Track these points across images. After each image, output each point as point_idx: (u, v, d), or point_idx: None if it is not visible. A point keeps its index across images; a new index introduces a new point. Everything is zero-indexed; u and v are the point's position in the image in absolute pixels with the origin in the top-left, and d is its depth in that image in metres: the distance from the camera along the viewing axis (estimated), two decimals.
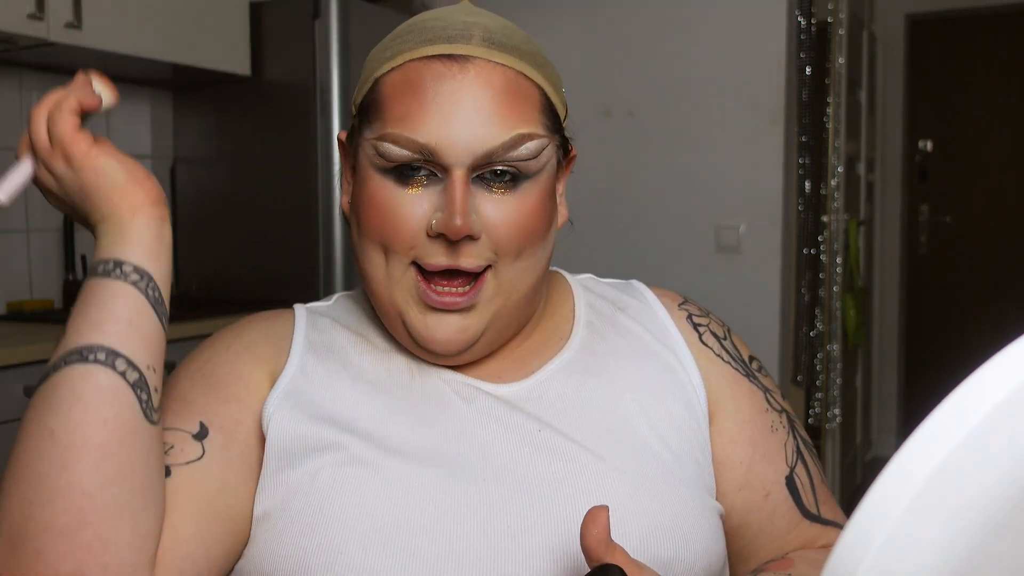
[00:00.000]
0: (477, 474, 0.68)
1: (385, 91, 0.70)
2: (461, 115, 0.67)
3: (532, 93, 0.70)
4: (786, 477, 0.77)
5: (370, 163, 0.70)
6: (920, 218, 4.32)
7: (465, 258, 0.68)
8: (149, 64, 2.39)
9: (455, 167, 0.67)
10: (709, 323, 0.84)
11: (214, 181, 2.71)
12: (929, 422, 0.33)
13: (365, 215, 0.70)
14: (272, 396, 0.70)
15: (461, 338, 0.70)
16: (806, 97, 2.77)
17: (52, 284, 2.49)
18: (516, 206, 0.69)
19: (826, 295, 3.08)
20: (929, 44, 4.21)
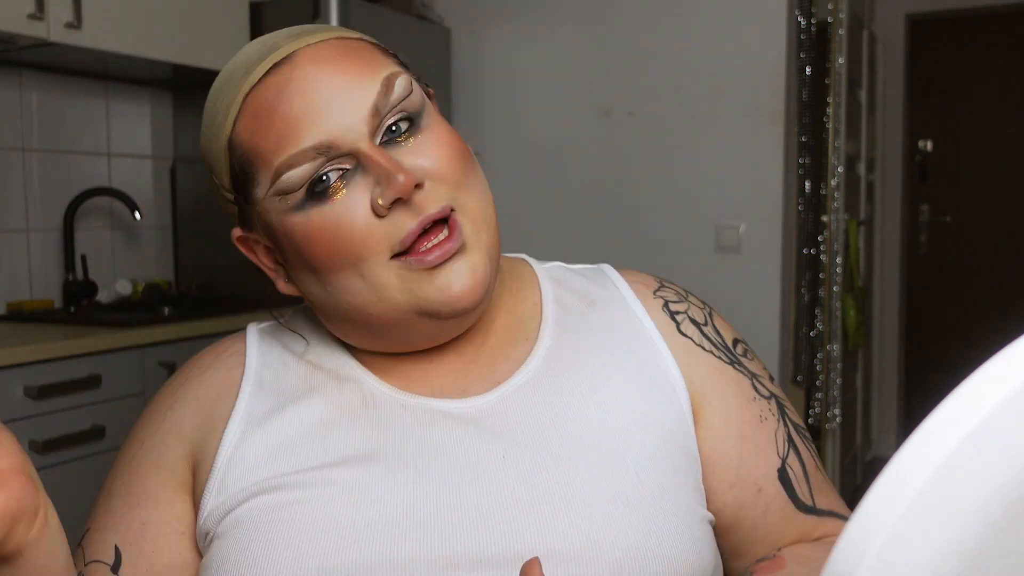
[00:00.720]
0: (434, 504, 0.64)
1: (244, 140, 0.65)
2: (323, 98, 0.63)
3: (363, 46, 0.68)
4: (778, 469, 0.74)
5: (284, 213, 0.65)
6: (920, 218, 4.32)
7: (428, 206, 0.64)
8: (149, 64, 2.39)
9: (357, 144, 0.63)
10: (688, 308, 0.78)
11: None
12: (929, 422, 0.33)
13: (314, 256, 0.65)
14: (212, 477, 0.68)
15: (476, 280, 0.65)
16: (806, 97, 2.77)
17: (52, 284, 2.49)
18: (430, 141, 0.66)
19: (826, 295, 3.08)
20: (929, 44, 4.21)
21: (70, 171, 2.53)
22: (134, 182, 2.71)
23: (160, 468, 0.71)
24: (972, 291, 4.24)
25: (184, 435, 0.72)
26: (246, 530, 0.65)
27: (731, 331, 0.80)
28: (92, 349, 1.94)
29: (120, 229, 2.68)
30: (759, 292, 2.67)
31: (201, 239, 2.75)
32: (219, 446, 0.69)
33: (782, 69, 2.62)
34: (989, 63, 4.16)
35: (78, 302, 2.43)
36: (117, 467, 0.74)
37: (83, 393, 1.93)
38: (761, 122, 2.64)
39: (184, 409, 0.73)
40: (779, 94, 2.62)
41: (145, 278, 2.71)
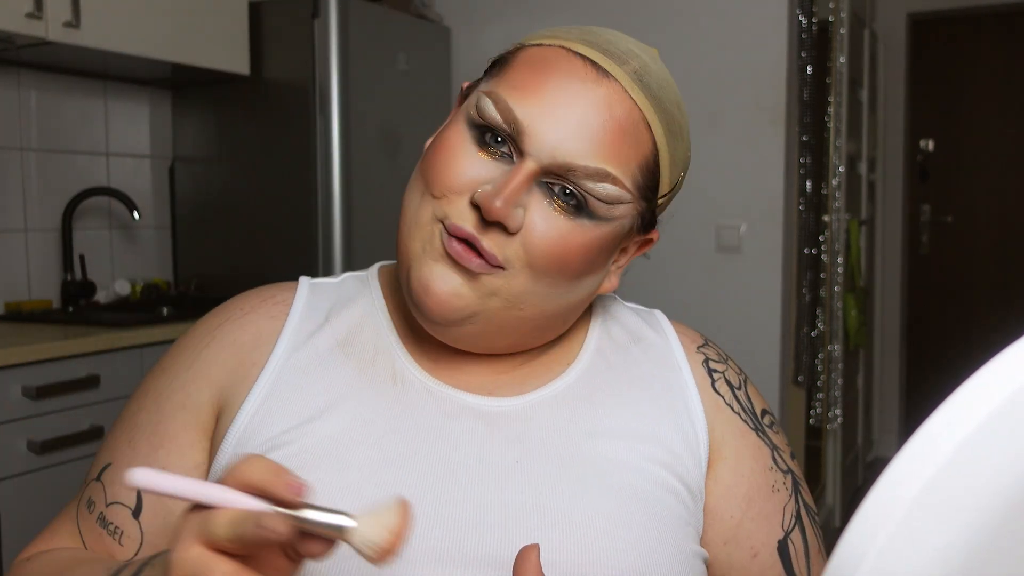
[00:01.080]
0: (441, 496, 0.65)
1: (520, 58, 0.68)
2: (568, 118, 0.64)
3: (645, 145, 0.67)
4: (779, 541, 0.74)
5: (466, 110, 0.68)
6: (922, 218, 4.32)
7: (489, 240, 0.64)
8: (148, 63, 2.39)
9: (529, 158, 0.64)
10: (726, 370, 0.80)
11: (213, 181, 2.71)
12: (931, 423, 0.33)
13: (430, 151, 0.68)
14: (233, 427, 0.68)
15: (453, 302, 0.65)
16: (807, 96, 2.77)
17: (51, 284, 2.49)
18: (565, 231, 0.65)
19: (827, 295, 3.08)
20: (931, 43, 4.21)
21: (68, 171, 2.53)
22: (133, 182, 2.71)
23: (186, 409, 0.71)
24: (973, 291, 4.24)
25: (215, 378, 0.71)
26: None
27: (762, 402, 0.81)
28: (90, 349, 1.94)
29: (119, 229, 2.68)
30: (760, 292, 2.67)
31: (200, 239, 2.75)
32: (246, 398, 0.69)
33: (783, 68, 2.62)
34: (991, 62, 4.16)
35: (76, 302, 2.43)
36: (143, 399, 0.73)
37: (81, 393, 1.93)
38: (762, 121, 2.64)
39: (219, 350, 0.73)
40: (780, 93, 2.62)
41: (144, 278, 2.71)
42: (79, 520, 0.71)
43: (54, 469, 1.87)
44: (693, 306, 2.69)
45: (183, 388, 0.72)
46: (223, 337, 0.73)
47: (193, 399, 0.71)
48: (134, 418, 0.73)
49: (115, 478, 0.70)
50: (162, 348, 2.10)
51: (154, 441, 0.70)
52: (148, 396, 0.73)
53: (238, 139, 2.64)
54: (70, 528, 0.71)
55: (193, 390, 0.71)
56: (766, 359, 2.64)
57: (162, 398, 0.72)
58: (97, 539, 0.69)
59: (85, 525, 0.70)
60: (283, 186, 2.52)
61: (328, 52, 2.43)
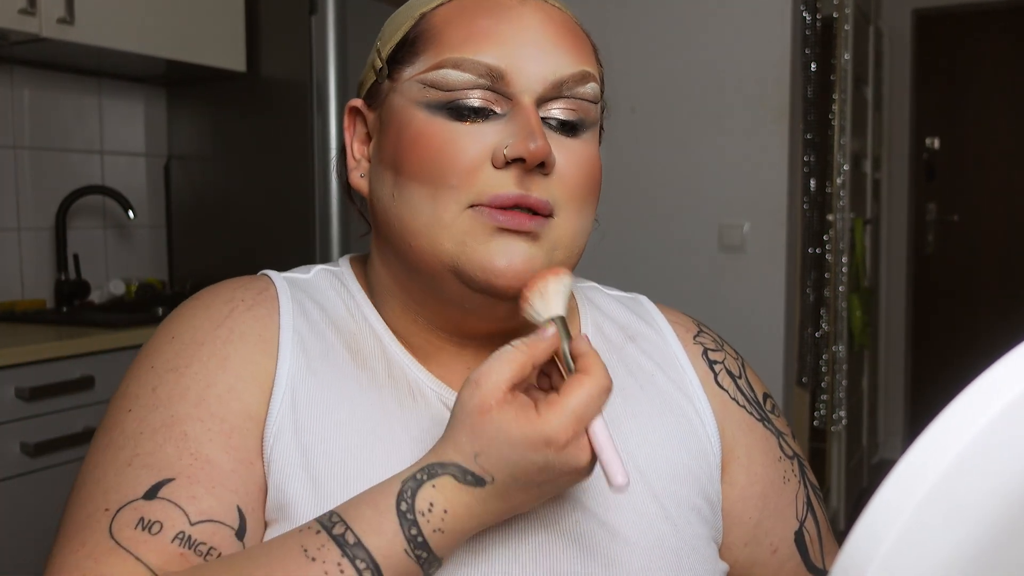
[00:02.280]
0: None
1: (436, 22, 0.65)
2: (530, 41, 0.63)
3: (588, 42, 0.69)
4: (795, 532, 0.75)
5: (413, 103, 0.64)
6: (927, 217, 4.32)
7: (535, 189, 0.62)
8: (142, 60, 2.39)
9: (523, 94, 0.62)
10: (724, 359, 0.79)
11: (209, 179, 2.71)
12: (936, 424, 0.33)
13: (409, 157, 0.63)
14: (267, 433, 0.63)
15: (528, 268, 0.61)
16: (811, 94, 2.77)
17: (44, 284, 2.49)
18: (580, 150, 0.65)
19: (831, 295, 3.08)
20: (937, 40, 4.21)
21: (62, 169, 2.53)
22: (127, 180, 2.71)
23: (256, 422, 0.63)
24: (980, 291, 4.24)
25: (259, 383, 0.65)
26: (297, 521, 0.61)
27: (761, 386, 0.81)
28: (85, 350, 1.94)
29: (113, 228, 2.68)
30: (763, 292, 2.67)
31: (196, 238, 2.75)
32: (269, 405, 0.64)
33: (787, 65, 2.62)
34: (998, 59, 4.16)
35: (70, 302, 2.43)
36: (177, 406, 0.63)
37: (76, 395, 1.93)
38: (765, 119, 2.64)
39: (247, 347, 0.66)
40: (784, 90, 2.62)
41: (139, 278, 2.71)
42: (128, 546, 0.58)
43: (48, 472, 1.87)
44: (695, 306, 2.68)
45: (236, 392, 0.64)
46: (241, 329, 0.67)
47: (254, 409, 0.64)
48: (176, 427, 0.62)
49: (195, 495, 0.60)
50: None
51: (239, 456, 0.62)
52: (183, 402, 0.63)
53: (234, 137, 2.64)
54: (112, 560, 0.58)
55: (249, 397, 0.64)
56: (769, 360, 2.64)
57: (212, 405, 0.63)
58: (178, 561, 0.58)
59: (149, 547, 0.58)
60: (280, 185, 2.52)
61: (325, 49, 2.43)
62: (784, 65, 2.62)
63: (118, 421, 0.64)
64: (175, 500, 0.60)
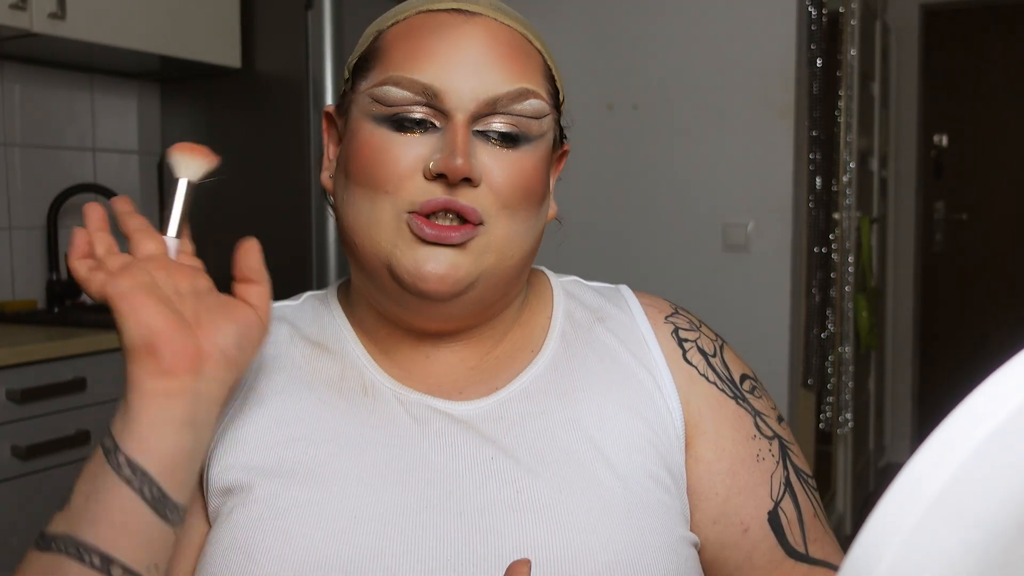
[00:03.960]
0: (421, 501, 0.67)
1: (386, 41, 0.72)
2: (467, 60, 0.69)
3: (536, 57, 0.73)
4: (769, 512, 0.75)
5: (364, 114, 0.71)
6: (935, 215, 4.32)
7: (463, 199, 0.68)
8: (136, 56, 2.39)
9: (456, 111, 0.68)
10: (698, 338, 0.81)
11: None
12: (944, 427, 0.33)
13: (355, 163, 0.71)
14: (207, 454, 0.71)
15: (453, 275, 0.68)
16: (817, 90, 2.77)
17: (35, 284, 2.49)
18: (515, 161, 0.70)
19: (838, 295, 3.08)
20: (945, 35, 4.21)
21: (54, 167, 2.53)
22: (120, 178, 2.71)
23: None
24: (989, 291, 4.24)
25: None
26: (238, 517, 0.67)
27: (741, 367, 0.82)
28: (76, 351, 1.94)
29: None
30: (768, 292, 2.67)
31: (191, 237, 2.75)
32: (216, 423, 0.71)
33: (792, 61, 2.62)
34: (1007, 56, 4.16)
35: (62, 302, 2.43)
36: None
37: (67, 397, 1.93)
38: (770, 116, 2.64)
39: None
40: (789, 87, 2.62)
41: None
42: None
43: (40, 475, 1.87)
44: (699, 306, 2.68)
45: None
46: None
47: None
48: None
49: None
50: None
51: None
52: None
53: (229, 134, 2.64)
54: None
55: None
56: (774, 361, 2.64)
57: None
58: None
59: None
60: (275, 182, 2.52)
61: (322, 44, 2.43)
62: (789, 61, 2.62)
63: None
64: None
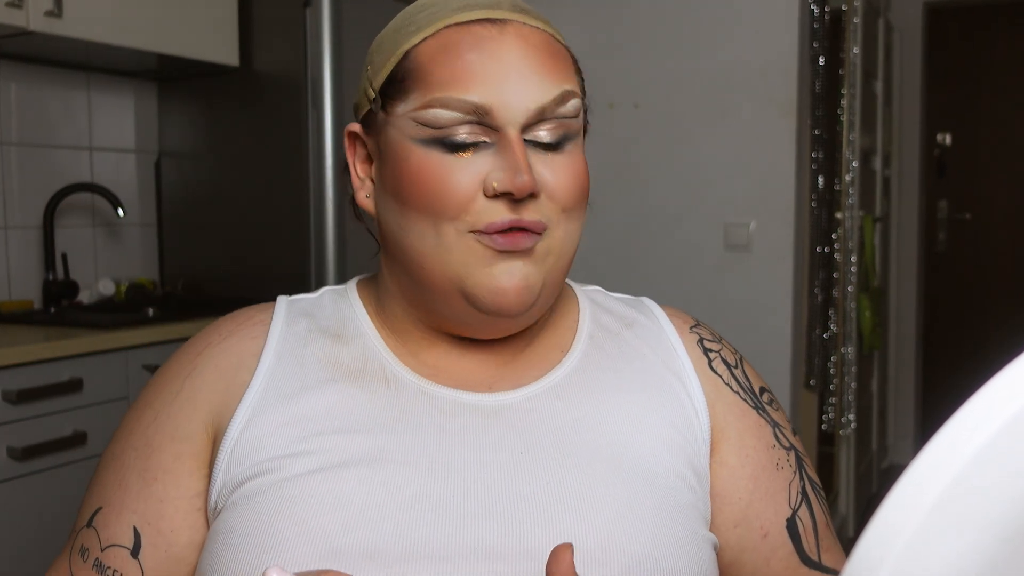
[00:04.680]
0: (447, 491, 0.67)
1: (421, 60, 0.71)
2: (510, 73, 0.69)
3: (565, 54, 0.74)
4: (787, 519, 0.77)
5: (409, 139, 0.70)
6: (939, 215, 4.32)
7: (527, 214, 0.69)
8: (133, 54, 2.39)
9: (508, 126, 0.69)
10: (721, 349, 0.83)
11: (201, 176, 2.71)
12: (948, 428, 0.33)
13: (410, 190, 0.70)
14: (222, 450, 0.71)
15: (527, 286, 0.69)
16: (819, 89, 2.77)
17: (31, 284, 2.49)
18: (567, 163, 0.72)
19: (840, 295, 3.08)
20: (948, 33, 4.21)
21: (50, 166, 2.53)
22: (117, 177, 2.71)
23: (177, 440, 0.72)
24: (993, 291, 4.24)
25: (202, 405, 0.73)
26: (254, 503, 0.67)
27: (759, 380, 0.84)
28: (73, 352, 1.94)
29: (102, 226, 2.69)
30: (770, 292, 2.67)
31: (187, 237, 2.75)
32: (232, 418, 0.71)
33: (794, 59, 2.62)
34: (1011, 53, 4.16)
35: (58, 303, 2.43)
36: (127, 437, 0.75)
37: (64, 398, 1.93)
38: (772, 115, 2.64)
39: (203, 377, 0.75)
40: (791, 85, 2.62)
41: (128, 278, 2.71)
42: (73, 571, 0.71)
43: (36, 477, 1.87)
44: (700, 307, 2.69)
45: (171, 420, 0.73)
46: (205, 364, 0.76)
47: (183, 429, 0.73)
48: (120, 458, 0.74)
49: (109, 521, 0.71)
50: (148, 350, 2.10)
51: (147, 476, 0.72)
52: (133, 434, 0.74)
53: (227, 133, 2.64)
54: None
55: (182, 420, 0.73)
56: (776, 362, 2.64)
57: (149, 432, 0.73)
58: None
59: (82, 573, 0.71)
60: (274, 182, 2.52)
61: (321, 42, 2.43)
62: (791, 59, 2.62)
63: (106, 449, 0.77)
64: (98, 527, 0.72)
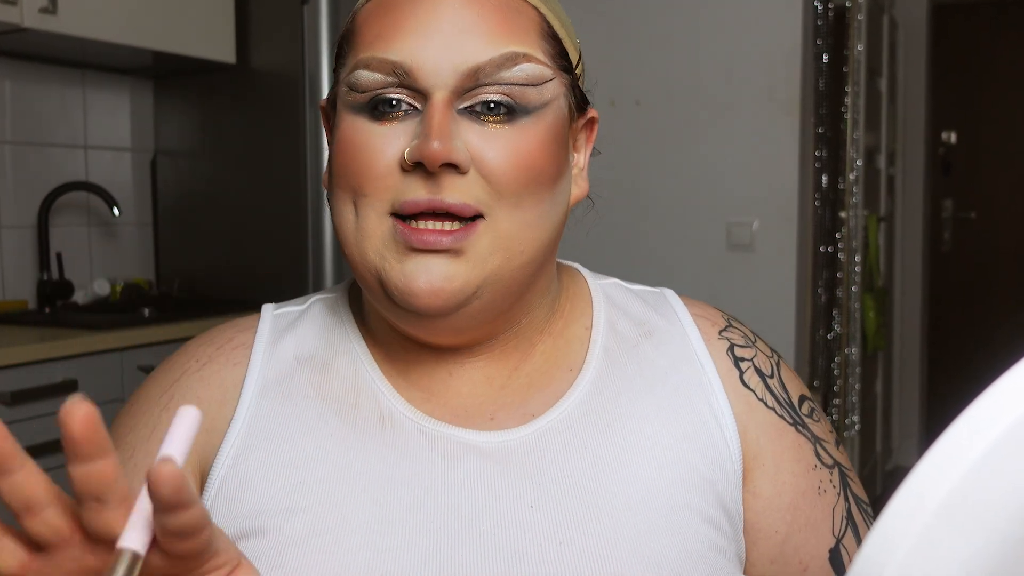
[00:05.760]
0: (452, 552, 0.61)
1: (358, 21, 0.65)
2: (441, 29, 0.61)
3: (530, 14, 0.64)
4: (830, 550, 0.70)
5: (344, 106, 0.64)
6: (943, 214, 4.32)
7: (449, 192, 0.60)
8: (128, 52, 2.38)
9: (435, 89, 0.60)
10: (755, 356, 0.74)
11: (197, 175, 2.71)
12: (953, 430, 0.33)
13: (336, 162, 0.64)
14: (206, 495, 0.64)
15: (447, 288, 0.60)
16: (823, 86, 2.77)
17: (26, 284, 2.49)
18: (512, 139, 0.62)
19: (844, 296, 3.08)
20: (953, 30, 4.21)
21: (45, 164, 2.53)
22: (113, 176, 2.71)
23: None
24: (998, 291, 4.24)
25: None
26: None
27: (799, 386, 0.76)
28: (68, 352, 1.94)
29: (98, 226, 2.68)
30: (773, 292, 2.67)
31: (183, 236, 2.75)
32: (215, 458, 0.65)
33: (798, 56, 2.62)
34: (1016, 51, 4.16)
35: (53, 303, 2.43)
36: None
37: (58, 399, 1.92)
38: (775, 113, 2.64)
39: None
40: (794, 83, 2.62)
41: (124, 277, 2.71)
42: None
43: None
44: None
45: (150, 458, 0.65)
46: (182, 394, 0.68)
47: None
48: None
49: None
50: (143, 351, 2.09)
51: None
52: None
53: (223, 131, 2.64)
54: None
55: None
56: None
57: (129, 473, 0.64)
58: None
59: None
60: (271, 181, 2.52)
61: (318, 40, 2.43)
62: (795, 56, 2.62)
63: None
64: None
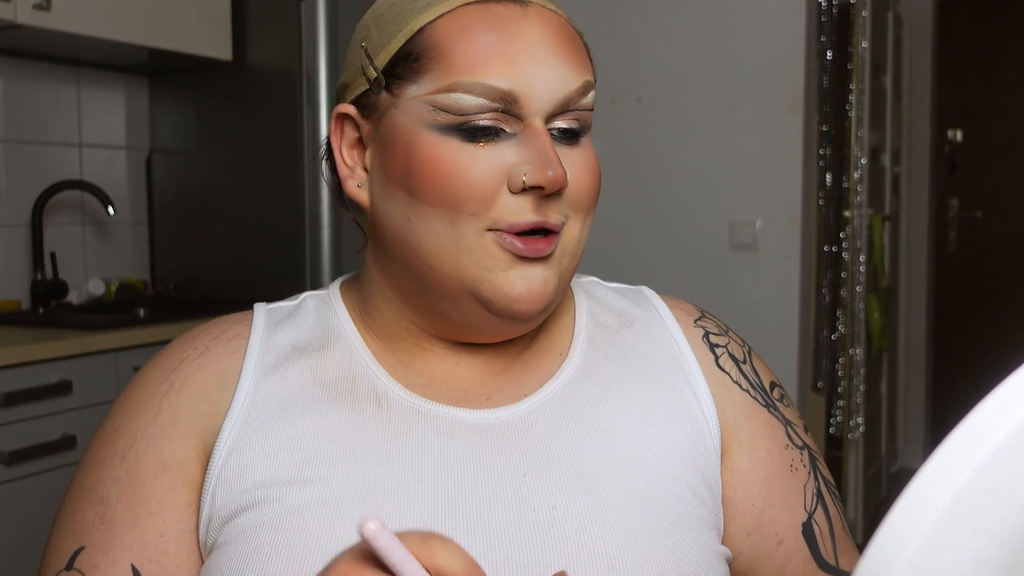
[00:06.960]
0: (449, 526, 0.64)
1: (438, 38, 0.66)
2: (537, 59, 0.65)
3: (580, 42, 0.71)
4: (803, 523, 0.75)
5: (422, 124, 0.66)
6: (949, 213, 4.32)
7: (552, 214, 0.66)
8: (123, 48, 2.39)
9: (534, 116, 0.66)
10: (728, 343, 0.80)
11: (193, 173, 2.71)
12: (959, 432, 0.33)
13: (423, 181, 0.65)
14: (208, 478, 0.67)
15: (544, 292, 0.67)
16: (827, 83, 2.77)
17: (19, 284, 2.49)
18: (585, 158, 0.69)
19: (848, 296, 3.08)
20: (959, 27, 4.21)
21: (39, 163, 2.53)
22: (107, 175, 2.71)
23: (168, 469, 0.68)
24: (1004, 291, 4.24)
25: (188, 427, 0.69)
26: (245, 543, 0.64)
27: (769, 374, 0.82)
28: (62, 353, 1.94)
29: (92, 225, 2.68)
30: (777, 292, 2.67)
31: (179, 236, 2.75)
32: (216, 442, 0.68)
33: (802, 53, 2.62)
34: (1022, 48, 4.16)
35: (47, 303, 2.43)
36: (103, 469, 0.69)
37: (52, 400, 1.93)
38: (779, 110, 2.64)
39: (182, 397, 0.70)
40: (798, 80, 2.62)
41: (119, 277, 2.71)
42: None
43: (24, 481, 1.87)
44: (705, 306, 2.69)
45: (153, 446, 0.68)
46: (183, 381, 0.71)
47: (170, 456, 0.68)
48: (96, 492, 0.68)
49: (97, 561, 0.66)
50: (138, 352, 2.10)
51: (137, 510, 0.67)
52: (108, 465, 0.69)
53: (220, 129, 2.64)
54: None
55: (167, 446, 0.68)
56: (783, 364, 2.64)
57: (130, 462, 0.68)
58: None
59: None
60: (268, 179, 2.53)
61: (316, 36, 2.43)
62: (798, 53, 2.62)
63: (71, 482, 0.71)
64: (83, 569, 0.66)
